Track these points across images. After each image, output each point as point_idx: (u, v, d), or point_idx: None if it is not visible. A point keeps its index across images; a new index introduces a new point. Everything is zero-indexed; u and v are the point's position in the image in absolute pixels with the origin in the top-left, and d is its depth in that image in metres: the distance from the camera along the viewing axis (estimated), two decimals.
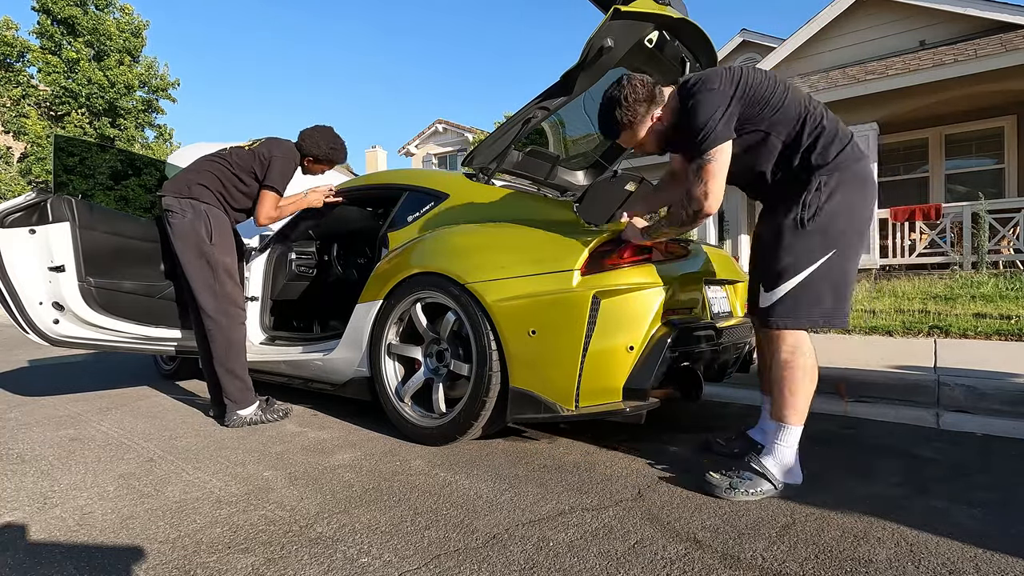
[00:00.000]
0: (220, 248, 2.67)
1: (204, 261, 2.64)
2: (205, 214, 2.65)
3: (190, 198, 2.66)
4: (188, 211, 2.63)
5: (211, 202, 2.69)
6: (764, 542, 1.43)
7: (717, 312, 2.43)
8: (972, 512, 1.60)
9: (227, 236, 2.72)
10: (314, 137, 2.85)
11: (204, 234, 2.63)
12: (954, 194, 9.30)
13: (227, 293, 2.68)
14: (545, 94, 2.38)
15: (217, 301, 2.66)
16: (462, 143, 21.47)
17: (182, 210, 2.63)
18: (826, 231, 1.72)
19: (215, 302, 2.65)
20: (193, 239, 2.62)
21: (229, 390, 2.66)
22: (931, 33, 9.29)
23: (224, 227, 2.71)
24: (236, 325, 2.71)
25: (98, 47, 16.29)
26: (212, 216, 2.67)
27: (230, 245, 2.73)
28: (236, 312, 2.71)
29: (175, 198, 2.65)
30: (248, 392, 2.70)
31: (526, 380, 2.05)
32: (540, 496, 1.74)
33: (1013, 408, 2.70)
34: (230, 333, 2.68)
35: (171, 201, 2.65)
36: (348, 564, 1.35)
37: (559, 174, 3.26)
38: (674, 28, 2.41)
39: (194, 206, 2.65)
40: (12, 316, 2.59)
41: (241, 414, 2.65)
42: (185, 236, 2.62)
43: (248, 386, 2.71)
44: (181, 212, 2.63)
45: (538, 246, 2.13)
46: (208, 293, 2.64)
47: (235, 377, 2.67)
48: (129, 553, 1.42)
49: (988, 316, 4.96)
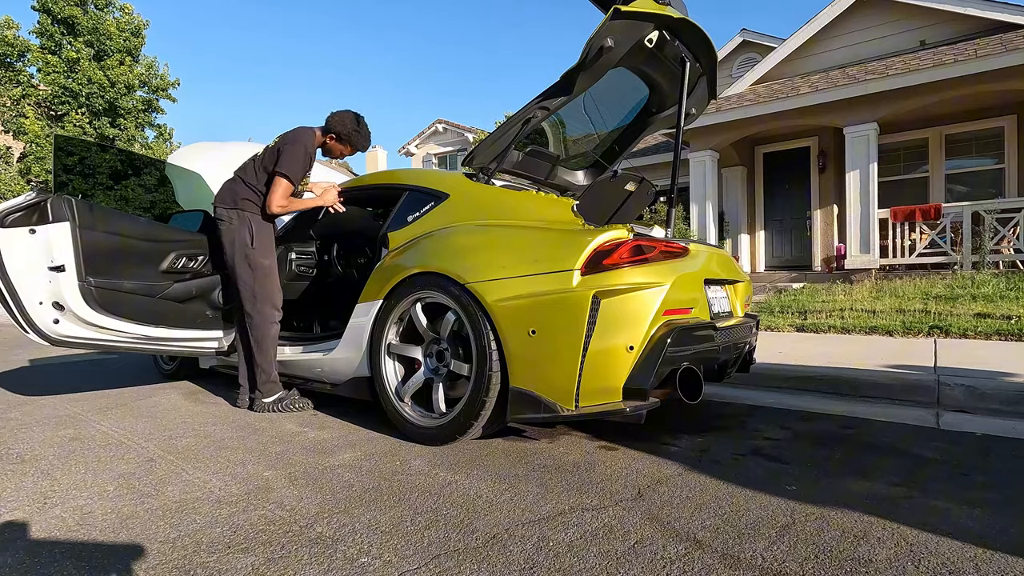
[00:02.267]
0: (260, 251, 2.89)
1: (246, 264, 2.86)
2: (249, 221, 2.88)
3: (236, 208, 2.88)
4: (234, 219, 2.87)
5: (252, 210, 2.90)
6: (764, 542, 1.43)
7: (717, 312, 2.43)
8: (972, 512, 1.60)
9: (267, 239, 2.92)
10: (342, 116, 2.95)
11: (248, 239, 2.86)
12: (954, 194, 9.30)
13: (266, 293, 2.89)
14: (545, 94, 2.39)
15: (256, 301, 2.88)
16: (462, 143, 21.45)
17: (228, 218, 2.88)
18: None
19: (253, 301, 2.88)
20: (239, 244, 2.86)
21: (257, 380, 2.91)
22: (931, 33, 9.28)
23: (264, 231, 2.92)
24: (268, 324, 2.90)
25: (98, 47, 16.28)
26: (254, 223, 2.89)
27: (269, 248, 2.93)
28: (270, 312, 2.90)
29: (224, 209, 2.89)
30: (272, 384, 2.91)
31: (526, 380, 2.05)
32: (540, 496, 1.74)
33: (1013, 408, 2.70)
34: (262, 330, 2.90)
35: (220, 211, 2.90)
36: (348, 564, 1.35)
37: (559, 174, 3.27)
38: (674, 28, 2.41)
39: (239, 215, 2.88)
40: (12, 316, 2.59)
41: (265, 402, 2.90)
42: (231, 242, 2.86)
43: (272, 378, 2.92)
44: (228, 220, 2.88)
45: (538, 246, 2.13)
46: (248, 293, 2.87)
47: (261, 370, 2.89)
48: (129, 553, 1.42)
49: (988, 316, 4.96)
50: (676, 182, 2.79)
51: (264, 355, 2.89)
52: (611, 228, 2.07)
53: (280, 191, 2.85)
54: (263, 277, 2.88)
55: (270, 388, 2.90)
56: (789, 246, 10.69)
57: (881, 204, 8.64)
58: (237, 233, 2.86)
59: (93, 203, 2.85)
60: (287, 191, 2.87)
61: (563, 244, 2.07)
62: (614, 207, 3.04)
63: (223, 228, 2.88)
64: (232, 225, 2.86)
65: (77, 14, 15.72)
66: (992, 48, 7.66)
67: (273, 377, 2.91)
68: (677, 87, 2.73)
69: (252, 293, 2.87)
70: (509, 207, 2.47)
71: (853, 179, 8.49)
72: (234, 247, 2.86)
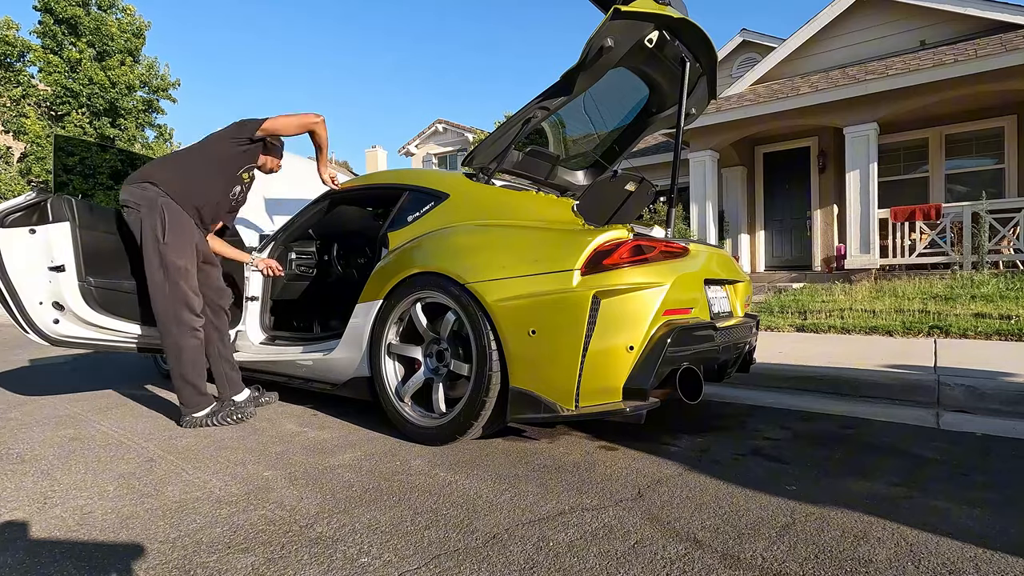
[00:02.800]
0: (173, 248, 2.54)
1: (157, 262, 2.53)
2: (161, 208, 2.52)
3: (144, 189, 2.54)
4: (142, 205, 2.52)
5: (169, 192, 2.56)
6: (764, 542, 1.43)
7: (717, 312, 2.43)
8: (972, 512, 1.60)
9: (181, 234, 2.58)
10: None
11: (160, 231, 2.51)
12: (954, 194, 9.30)
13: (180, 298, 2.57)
14: (545, 94, 2.39)
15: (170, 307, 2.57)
16: (462, 143, 21.46)
17: (136, 204, 2.53)
18: None
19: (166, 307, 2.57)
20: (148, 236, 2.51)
21: (182, 393, 2.61)
22: (931, 33, 9.29)
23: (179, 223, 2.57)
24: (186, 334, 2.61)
25: (100, 47, 16.29)
26: (168, 211, 2.53)
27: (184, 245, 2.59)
28: (188, 318, 2.60)
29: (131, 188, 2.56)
30: (202, 397, 2.64)
31: (526, 380, 2.05)
32: (540, 496, 1.74)
33: (1013, 408, 2.70)
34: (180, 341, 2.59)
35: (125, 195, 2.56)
36: (348, 564, 1.35)
37: (559, 174, 3.27)
38: (674, 28, 2.41)
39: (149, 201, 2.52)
40: (12, 316, 2.59)
41: (196, 416, 2.62)
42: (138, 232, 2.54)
43: (201, 391, 2.64)
44: (135, 207, 2.53)
45: (538, 246, 2.13)
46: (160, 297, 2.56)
47: (185, 383, 2.61)
48: (129, 552, 1.42)
49: (988, 316, 4.96)
50: (676, 182, 2.79)
51: (184, 367, 2.58)
52: (611, 228, 2.07)
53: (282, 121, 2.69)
54: (178, 280, 2.54)
55: (199, 401, 2.61)
56: (789, 246, 10.69)
57: (881, 204, 8.64)
58: (145, 221, 2.49)
59: (93, 203, 2.85)
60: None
61: (563, 244, 2.07)
62: (614, 207, 3.04)
63: (128, 216, 2.56)
64: (139, 212, 2.51)
65: (79, 14, 15.74)
66: (992, 48, 7.66)
67: (202, 389, 2.64)
68: (677, 87, 2.73)
69: (164, 297, 2.53)
70: (509, 207, 2.47)
71: (853, 179, 8.49)
72: (143, 239, 2.51)
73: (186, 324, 2.59)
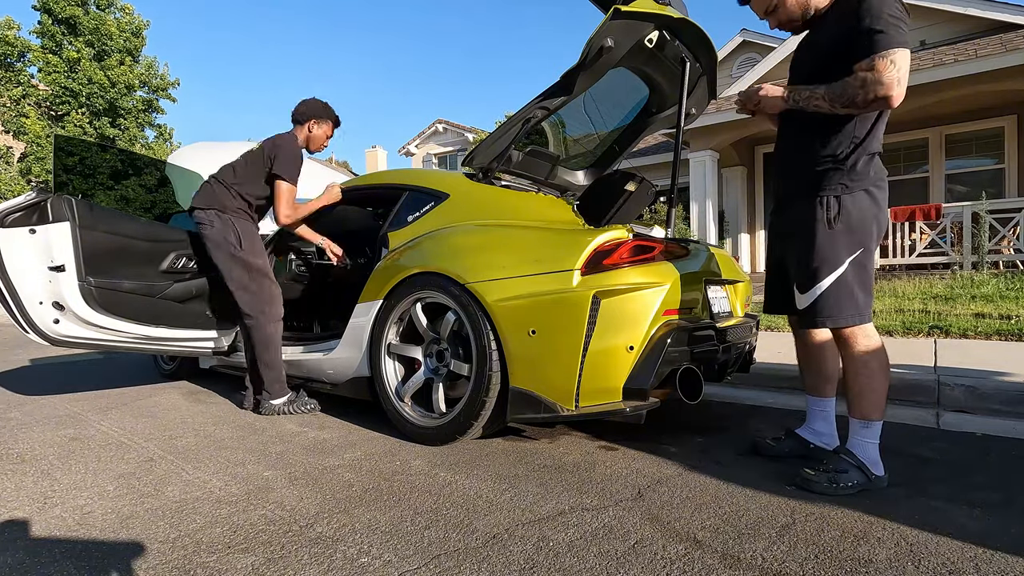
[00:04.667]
0: (249, 252, 2.85)
1: (238, 265, 2.83)
2: (232, 223, 2.84)
3: (215, 210, 2.84)
4: (215, 221, 2.82)
5: (234, 212, 2.87)
6: (764, 542, 1.43)
7: (717, 312, 2.42)
8: (972, 512, 1.60)
9: (253, 240, 2.90)
10: (306, 103, 2.97)
11: (235, 240, 2.83)
12: (954, 194, 9.30)
13: (265, 293, 2.87)
14: (545, 94, 2.38)
15: (255, 301, 2.84)
16: (462, 143, 21.46)
17: (209, 221, 2.83)
18: (853, 229, 1.75)
19: (252, 302, 2.84)
20: (224, 246, 2.82)
21: (267, 380, 2.85)
22: (931, 33, 9.29)
23: (249, 233, 2.90)
24: (270, 324, 2.87)
25: (99, 47, 16.28)
26: (238, 225, 2.85)
27: (259, 249, 2.92)
28: (272, 311, 2.88)
29: (203, 211, 2.84)
30: (281, 385, 2.87)
31: (526, 380, 2.05)
32: (540, 496, 1.74)
33: (1013, 408, 2.69)
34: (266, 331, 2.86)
35: (199, 214, 2.85)
36: (348, 564, 1.35)
37: (559, 174, 3.26)
38: (674, 28, 2.41)
39: (220, 217, 2.83)
40: (12, 316, 2.59)
41: (274, 403, 2.84)
42: (216, 244, 2.82)
43: (281, 379, 2.88)
44: (209, 223, 2.82)
45: (538, 246, 2.13)
46: (245, 294, 2.83)
47: (269, 370, 2.85)
48: (129, 552, 1.42)
49: (988, 316, 4.96)
50: (676, 182, 2.78)
51: (271, 355, 2.85)
52: (611, 228, 2.07)
53: (285, 198, 2.85)
54: (259, 277, 2.86)
55: (279, 389, 2.86)
56: None
57: None
58: (221, 235, 2.81)
59: (93, 203, 2.85)
60: (292, 195, 2.87)
61: (563, 244, 2.07)
62: (614, 207, 3.04)
63: (205, 231, 2.83)
64: (214, 227, 2.82)
65: (78, 14, 15.72)
66: (992, 48, 7.66)
67: (282, 377, 2.88)
68: (677, 87, 2.72)
69: (250, 294, 2.83)
70: (509, 207, 2.47)
71: None
72: (220, 249, 2.82)
73: (273, 316, 2.87)
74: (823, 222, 1.77)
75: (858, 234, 1.76)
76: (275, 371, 2.85)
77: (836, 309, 1.77)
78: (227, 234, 2.81)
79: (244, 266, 2.82)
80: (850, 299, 1.76)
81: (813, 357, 2.10)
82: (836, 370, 2.09)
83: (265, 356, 2.83)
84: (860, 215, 1.76)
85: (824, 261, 1.77)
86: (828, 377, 2.10)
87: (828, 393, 2.11)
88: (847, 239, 1.76)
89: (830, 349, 2.05)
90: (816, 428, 2.12)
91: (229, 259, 2.81)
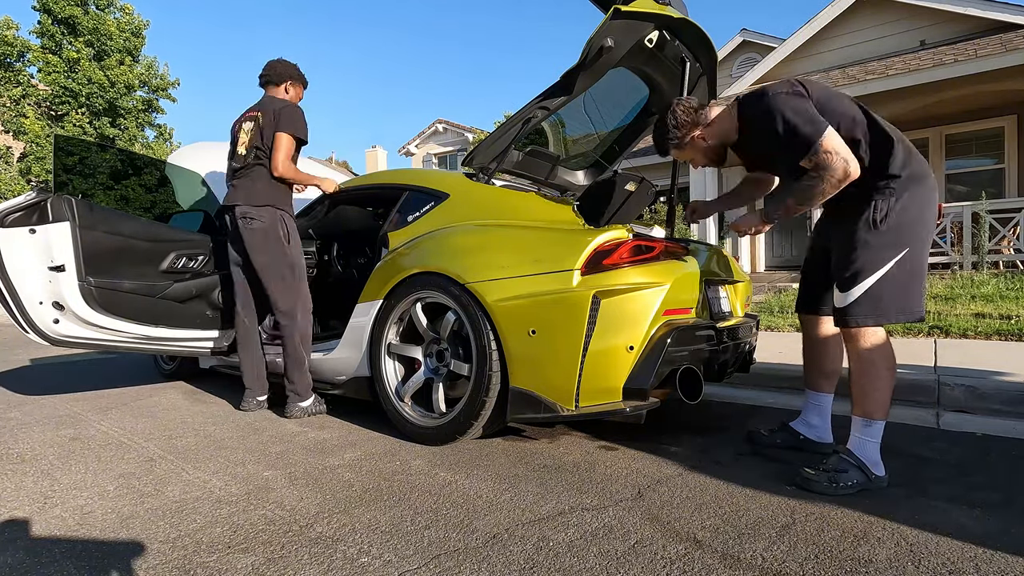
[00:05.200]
0: (295, 249, 2.84)
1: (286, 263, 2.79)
2: (282, 218, 2.79)
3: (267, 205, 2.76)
4: (265, 216, 2.75)
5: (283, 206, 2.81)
6: (764, 542, 1.43)
7: (717, 312, 2.43)
8: (972, 512, 1.60)
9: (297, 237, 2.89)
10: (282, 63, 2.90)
11: (284, 237, 2.79)
12: (954, 194, 9.30)
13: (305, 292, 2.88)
14: (545, 94, 2.38)
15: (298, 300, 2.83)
16: (462, 143, 21.45)
17: (259, 216, 2.75)
18: (899, 229, 1.76)
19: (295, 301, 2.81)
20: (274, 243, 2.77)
21: (297, 380, 2.78)
22: (931, 33, 9.29)
23: (294, 229, 2.87)
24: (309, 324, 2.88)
25: (99, 47, 16.28)
26: (287, 219, 2.82)
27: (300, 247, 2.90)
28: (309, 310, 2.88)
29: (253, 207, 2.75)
30: (309, 387, 2.83)
31: (526, 380, 2.05)
32: (540, 496, 1.74)
33: (1013, 408, 2.69)
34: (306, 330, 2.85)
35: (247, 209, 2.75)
36: (348, 564, 1.35)
37: (559, 174, 3.26)
38: (674, 28, 2.41)
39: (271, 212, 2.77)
40: (12, 316, 2.59)
41: (302, 406, 2.78)
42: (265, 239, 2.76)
43: (311, 382, 2.84)
44: (259, 218, 2.74)
45: (538, 246, 2.13)
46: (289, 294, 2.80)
47: (303, 373, 2.80)
48: (129, 552, 1.42)
49: (988, 316, 4.96)
50: (676, 182, 2.79)
51: (307, 355, 2.82)
52: (611, 228, 2.08)
53: (284, 149, 2.72)
54: (301, 274, 2.85)
55: (307, 390, 2.81)
56: (789, 246, 10.69)
57: None
58: (271, 231, 2.75)
59: (93, 203, 2.85)
60: (291, 150, 2.76)
61: (563, 244, 2.07)
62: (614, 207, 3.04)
63: (255, 226, 2.73)
64: (264, 223, 2.74)
65: (78, 14, 15.71)
66: (992, 48, 7.66)
67: (311, 380, 2.84)
68: (677, 87, 2.73)
69: (294, 293, 2.80)
70: (509, 207, 2.47)
71: None
72: (268, 244, 2.74)
73: (308, 315, 2.88)
74: (868, 222, 1.77)
75: (904, 235, 1.76)
76: (307, 371, 2.81)
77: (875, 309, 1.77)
78: (276, 230, 2.76)
79: (290, 264, 2.80)
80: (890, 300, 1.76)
81: (817, 353, 2.14)
82: (837, 368, 2.12)
83: (297, 355, 2.78)
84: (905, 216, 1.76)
85: (867, 262, 1.77)
86: (827, 374, 2.14)
87: (826, 389, 2.16)
88: (892, 239, 1.75)
89: (834, 346, 2.09)
90: (810, 421, 2.16)
91: (279, 257, 2.76)
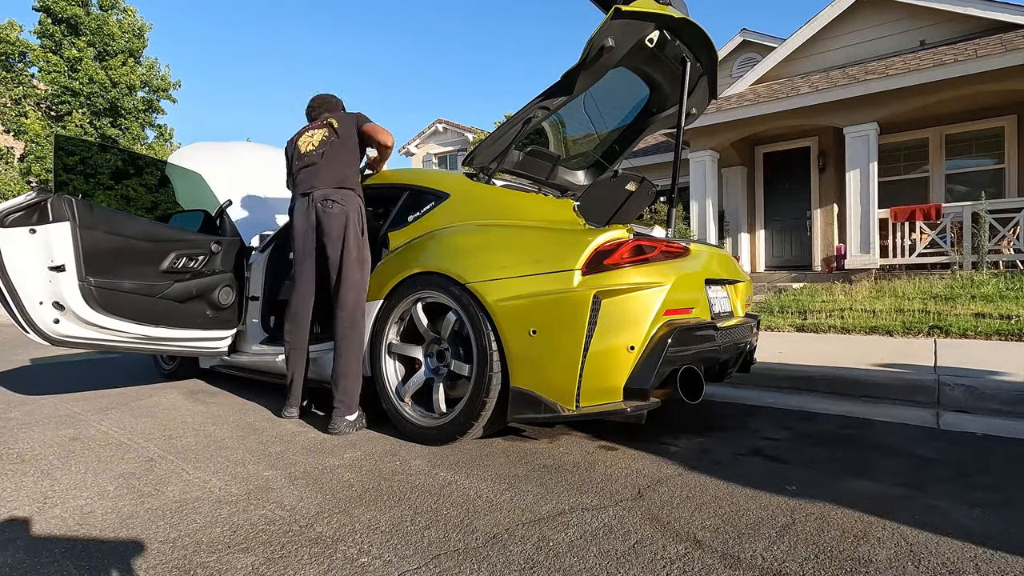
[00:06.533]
0: (366, 242, 2.64)
1: (360, 258, 2.57)
2: (358, 205, 2.62)
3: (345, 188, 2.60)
4: (346, 201, 2.57)
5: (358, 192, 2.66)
6: (764, 542, 1.43)
7: (718, 312, 2.43)
8: (972, 512, 1.60)
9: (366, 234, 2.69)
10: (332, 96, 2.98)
11: (359, 226, 2.59)
12: (954, 194, 9.29)
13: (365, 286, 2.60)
14: (545, 94, 2.39)
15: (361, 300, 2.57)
16: (462, 143, 21.44)
17: (342, 199, 2.56)
18: None
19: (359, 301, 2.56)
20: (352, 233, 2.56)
21: (351, 392, 2.48)
22: (931, 33, 9.28)
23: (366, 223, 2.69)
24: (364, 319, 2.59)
25: (101, 47, 16.28)
26: (361, 208, 2.65)
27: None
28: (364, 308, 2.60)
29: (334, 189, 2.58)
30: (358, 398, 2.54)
31: (527, 380, 2.05)
32: (540, 496, 1.74)
33: (1013, 408, 2.70)
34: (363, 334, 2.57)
35: (328, 191, 2.57)
36: (348, 564, 1.35)
37: (559, 174, 3.27)
38: (675, 28, 2.41)
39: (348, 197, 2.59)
40: (12, 316, 2.59)
41: (349, 419, 2.48)
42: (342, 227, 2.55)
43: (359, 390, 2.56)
44: (341, 202, 2.55)
45: (538, 246, 2.13)
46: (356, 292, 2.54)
47: (356, 383, 2.51)
48: (129, 552, 1.42)
49: (988, 316, 4.96)
50: (676, 182, 2.79)
51: (361, 363, 2.53)
52: (612, 228, 2.08)
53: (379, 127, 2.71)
54: (367, 267, 2.61)
55: (355, 403, 2.51)
56: (789, 246, 10.68)
57: (881, 204, 8.63)
58: (352, 217, 2.56)
59: (93, 203, 2.85)
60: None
61: (564, 244, 2.07)
62: (615, 207, 3.04)
63: (335, 210, 2.53)
64: (344, 207, 2.54)
65: (79, 14, 15.72)
66: (992, 48, 7.65)
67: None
68: (677, 87, 2.73)
69: (360, 291, 2.54)
70: (510, 207, 2.47)
71: (853, 179, 8.49)
72: (346, 232, 2.53)
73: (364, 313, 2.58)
74: None
75: None
76: (360, 382, 2.52)
77: None
78: (354, 219, 2.58)
79: (362, 259, 2.58)
80: None
81: None
82: None
83: (355, 363, 2.50)
84: None
85: None
86: None
87: None
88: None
89: None
90: None
91: (354, 251, 2.54)
